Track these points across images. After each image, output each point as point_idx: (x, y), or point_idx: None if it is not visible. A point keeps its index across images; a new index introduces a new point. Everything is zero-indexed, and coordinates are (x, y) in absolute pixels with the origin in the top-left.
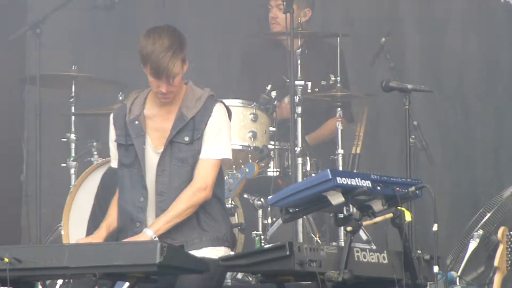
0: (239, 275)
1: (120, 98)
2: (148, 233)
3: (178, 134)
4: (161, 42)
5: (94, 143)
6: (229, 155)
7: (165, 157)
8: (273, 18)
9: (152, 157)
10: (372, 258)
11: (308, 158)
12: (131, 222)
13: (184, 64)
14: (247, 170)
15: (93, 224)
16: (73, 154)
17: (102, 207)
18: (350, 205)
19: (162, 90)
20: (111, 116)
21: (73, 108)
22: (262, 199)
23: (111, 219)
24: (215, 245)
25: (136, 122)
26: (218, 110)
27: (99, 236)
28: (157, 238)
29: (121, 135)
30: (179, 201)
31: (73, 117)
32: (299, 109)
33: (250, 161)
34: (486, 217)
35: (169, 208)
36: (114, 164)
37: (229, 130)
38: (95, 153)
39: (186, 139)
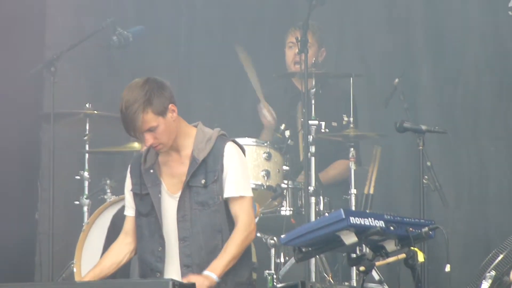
0: None
1: None
2: (213, 277)
3: (193, 177)
4: (127, 99)
5: (108, 181)
6: (251, 194)
7: (184, 202)
8: (297, 55)
9: (169, 203)
10: None
11: (321, 197)
12: (151, 272)
13: (165, 113)
14: None
15: None
16: (86, 192)
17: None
18: (363, 245)
19: (147, 144)
20: (129, 165)
21: (87, 146)
22: (275, 238)
23: (98, 270)
24: None
25: (151, 171)
26: (229, 148)
27: None
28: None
29: (137, 184)
30: (235, 243)
31: (86, 155)
32: (312, 149)
33: (255, 202)
34: (499, 258)
35: (226, 251)
36: (128, 212)
37: (245, 166)
38: (108, 191)
39: (203, 182)
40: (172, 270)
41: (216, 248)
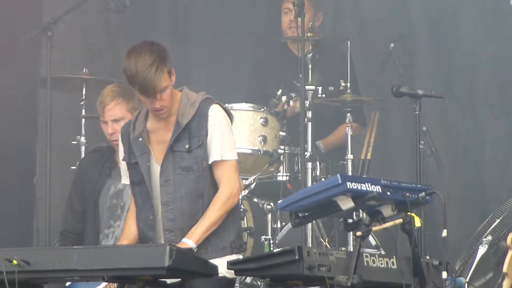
0: (248, 279)
1: None
2: (189, 244)
3: (177, 142)
4: (142, 60)
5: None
6: (236, 156)
7: (167, 166)
8: (292, 21)
9: (157, 171)
10: (381, 263)
11: (318, 163)
12: (145, 239)
13: (171, 76)
14: None
15: (71, 212)
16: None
17: (79, 195)
18: (360, 210)
19: (156, 107)
20: (120, 134)
21: (83, 111)
22: (271, 204)
23: (132, 236)
24: (222, 255)
25: (140, 139)
26: (214, 111)
27: None
28: (197, 248)
29: (127, 153)
30: (214, 208)
31: (83, 120)
32: (309, 114)
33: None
34: (495, 223)
35: (205, 217)
36: (124, 180)
37: (230, 129)
38: None
39: (187, 146)
40: (160, 237)
41: (197, 213)
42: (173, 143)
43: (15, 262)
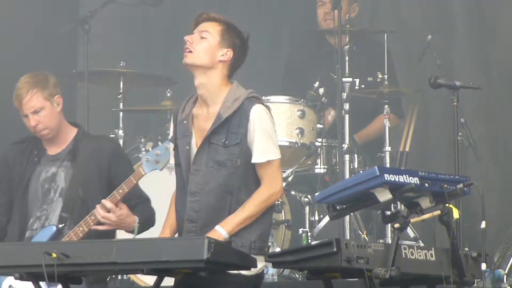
0: (286, 272)
1: (168, 94)
2: (221, 232)
3: (215, 134)
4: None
5: (142, 139)
6: (279, 155)
7: (201, 157)
8: (327, 13)
9: (194, 156)
10: (420, 255)
11: (355, 155)
12: (181, 222)
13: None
14: None
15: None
16: None
17: (3, 187)
18: (398, 202)
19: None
20: (172, 114)
21: (121, 104)
22: (309, 196)
23: (173, 220)
24: None
25: (185, 122)
26: (256, 111)
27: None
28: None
29: (174, 133)
30: (253, 202)
31: (121, 113)
32: (346, 106)
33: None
34: None
35: (244, 208)
36: (172, 161)
37: (273, 128)
38: (143, 149)
39: (223, 141)
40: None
41: (224, 208)
42: (211, 134)
43: (54, 255)
